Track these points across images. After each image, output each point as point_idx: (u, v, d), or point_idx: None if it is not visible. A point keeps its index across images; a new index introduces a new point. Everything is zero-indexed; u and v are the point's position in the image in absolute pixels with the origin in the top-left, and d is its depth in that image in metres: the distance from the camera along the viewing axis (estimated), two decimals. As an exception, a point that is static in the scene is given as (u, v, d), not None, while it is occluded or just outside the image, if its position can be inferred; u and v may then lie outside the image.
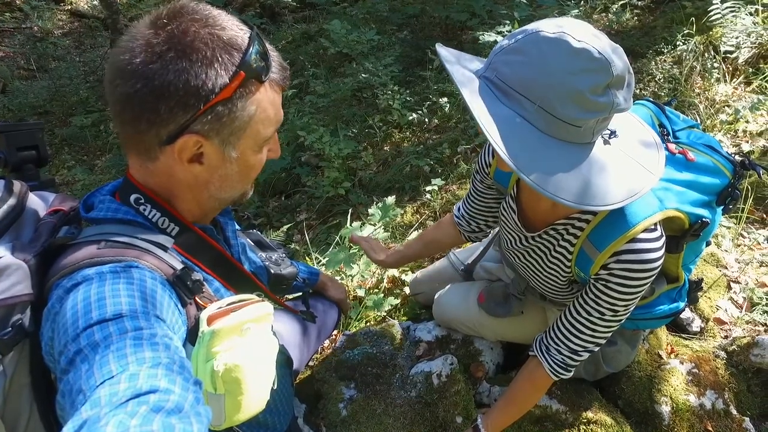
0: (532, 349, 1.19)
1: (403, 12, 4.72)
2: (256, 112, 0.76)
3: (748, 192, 2.23)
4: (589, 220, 1.03)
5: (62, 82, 5.91)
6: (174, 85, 0.68)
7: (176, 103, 0.70)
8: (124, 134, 0.77)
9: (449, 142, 3.12)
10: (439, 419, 1.36)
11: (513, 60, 0.82)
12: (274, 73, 0.78)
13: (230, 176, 0.82)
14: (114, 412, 0.52)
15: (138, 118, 0.72)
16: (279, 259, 1.32)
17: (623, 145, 0.92)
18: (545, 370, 1.14)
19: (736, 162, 1.17)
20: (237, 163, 0.80)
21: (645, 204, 0.98)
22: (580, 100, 0.80)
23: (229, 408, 0.79)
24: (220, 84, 0.70)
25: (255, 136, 0.79)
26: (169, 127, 0.72)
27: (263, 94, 0.76)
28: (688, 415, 1.32)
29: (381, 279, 2.24)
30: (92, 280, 0.69)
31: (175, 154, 0.75)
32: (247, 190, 0.90)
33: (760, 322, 1.64)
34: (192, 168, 0.78)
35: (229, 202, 0.90)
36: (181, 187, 0.82)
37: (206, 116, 0.72)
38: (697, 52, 3.26)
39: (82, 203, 0.84)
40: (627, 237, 0.96)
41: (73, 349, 0.62)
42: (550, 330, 1.16)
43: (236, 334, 0.79)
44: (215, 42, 0.70)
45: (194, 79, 0.69)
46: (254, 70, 0.72)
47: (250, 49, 0.72)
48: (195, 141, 0.74)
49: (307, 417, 1.42)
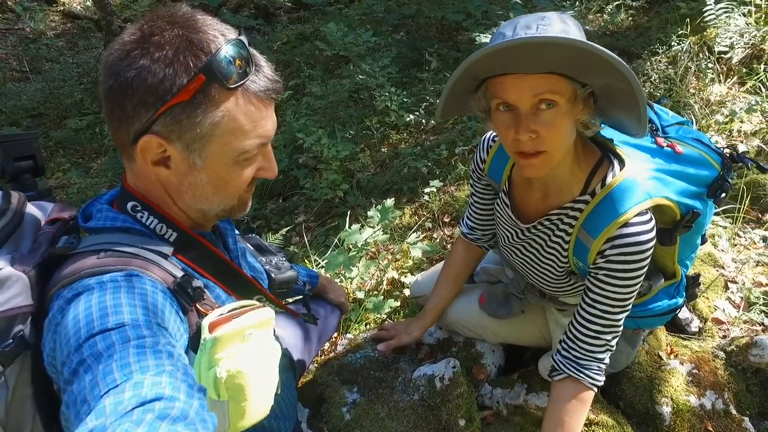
0: (557, 373, 1.15)
1: (399, 13, 4.72)
2: (223, 120, 0.73)
3: (743, 192, 2.25)
4: (582, 209, 1.06)
5: (56, 84, 5.86)
6: (135, 81, 0.69)
7: (138, 100, 0.70)
8: (110, 132, 0.78)
9: (447, 143, 3.13)
10: (442, 422, 1.36)
11: (558, 28, 0.86)
12: (254, 82, 0.75)
13: (201, 186, 0.80)
14: (120, 421, 0.52)
15: (111, 114, 0.73)
16: (279, 262, 1.32)
17: None
18: (586, 385, 1.12)
19: (724, 154, 1.19)
20: (206, 173, 0.78)
21: (635, 192, 1.01)
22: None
23: (234, 415, 0.79)
24: (178, 84, 0.69)
25: (224, 146, 0.75)
26: (134, 126, 0.72)
27: (233, 103, 0.73)
28: (688, 415, 1.33)
29: (380, 281, 2.24)
30: (93, 290, 0.69)
31: (139, 155, 0.75)
32: (232, 205, 0.86)
33: (757, 321, 1.66)
34: (159, 171, 0.77)
35: (220, 216, 0.87)
36: (161, 191, 0.81)
37: (165, 117, 0.71)
38: (691, 52, 3.28)
39: (80, 213, 0.84)
40: (619, 223, 0.99)
41: (76, 359, 0.62)
42: (568, 346, 1.14)
43: (238, 341, 0.79)
44: (181, 43, 0.70)
45: (152, 77, 0.69)
46: (218, 75, 0.70)
47: (219, 54, 0.70)
48: (158, 143, 0.73)
49: (311, 422, 1.42)
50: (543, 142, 0.92)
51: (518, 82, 0.88)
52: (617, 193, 1.01)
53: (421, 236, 2.48)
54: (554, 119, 0.90)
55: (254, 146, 0.78)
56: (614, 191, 1.01)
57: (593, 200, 1.04)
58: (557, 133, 0.91)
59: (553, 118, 0.90)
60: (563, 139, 0.94)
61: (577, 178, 1.06)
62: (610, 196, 1.01)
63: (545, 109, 0.89)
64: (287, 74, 4.78)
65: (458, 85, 0.94)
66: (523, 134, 0.90)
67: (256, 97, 0.75)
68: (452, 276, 1.54)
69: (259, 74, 0.76)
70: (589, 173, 1.06)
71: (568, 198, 1.08)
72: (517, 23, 0.87)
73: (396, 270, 2.29)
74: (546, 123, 0.90)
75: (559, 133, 0.92)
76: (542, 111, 0.89)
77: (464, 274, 1.56)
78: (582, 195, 1.06)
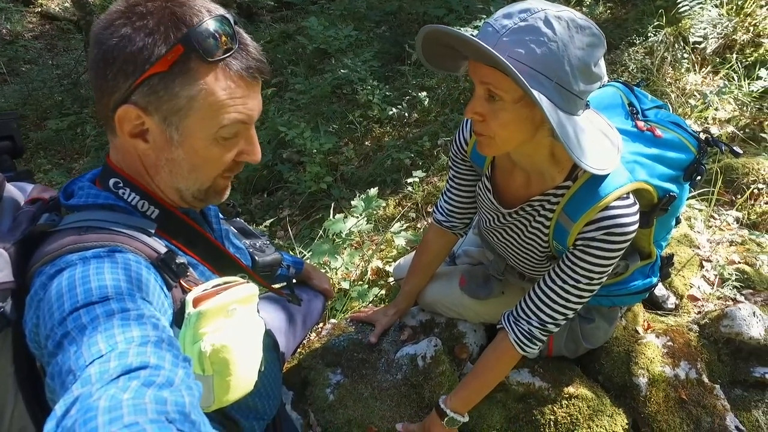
0: (500, 323, 1.22)
1: (381, 9, 4.75)
2: (201, 94, 0.73)
3: (717, 175, 2.31)
4: (563, 194, 1.07)
5: (35, 85, 5.77)
6: (116, 50, 0.70)
7: (118, 69, 0.70)
8: (96, 105, 0.78)
9: (429, 135, 3.15)
10: (425, 400, 1.38)
11: (526, 40, 0.84)
12: (236, 59, 0.74)
13: (178, 163, 0.79)
14: (106, 388, 0.52)
15: (95, 84, 0.74)
16: (263, 245, 1.33)
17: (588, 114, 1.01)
18: (510, 341, 1.17)
19: (700, 139, 1.22)
20: (183, 149, 0.77)
21: (616, 175, 1.02)
22: (587, 72, 0.88)
23: (218, 389, 0.80)
24: (156, 54, 0.69)
25: (202, 121, 0.75)
26: (114, 96, 0.73)
27: (213, 78, 0.72)
28: (663, 385, 1.37)
29: (365, 271, 2.26)
30: (76, 265, 0.69)
31: (117, 126, 0.75)
32: (208, 187, 0.84)
33: (730, 296, 1.70)
34: (137, 144, 0.77)
35: (196, 198, 0.86)
36: (141, 166, 0.81)
37: (143, 87, 0.71)
38: (667, 43, 3.35)
39: (62, 191, 0.83)
40: (600, 206, 1.00)
41: (60, 332, 0.62)
42: (521, 302, 1.18)
43: (222, 315, 0.80)
44: (164, 14, 0.70)
45: (131, 45, 0.69)
46: (198, 48, 0.70)
47: (200, 27, 0.70)
48: (136, 114, 0.73)
49: (295, 403, 1.43)
50: (488, 127, 0.95)
51: (474, 67, 0.93)
52: (599, 177, 1.01)
53: (404, 225, 2.50)
54: (499, 112, 0.93)
55: (233, 121, 0.76)
56: (595, 175, 1.01)
57: (575, 184, 1.05)
58: (501, 125, 0.94)
59: (498, 110, 0.93)
60: (509, 133, 0.96)
61: (560, 167, 1.06)
62: (592, 179, 1.02)
63: (493, 99, 0.93)
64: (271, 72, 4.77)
65: (442, 51, 0.97)
66: (468, 113, 0.96)
67: (238, 75, 0.74)
68: (425, 264, 1.54)
69: (243, 52, 0.75)
70: (573, 163, 1.05)
71: (551, 185, 1.09)
72: (511, 9, 0.88)
73: (380, 260, 2.31)
74: (492, 112, 0.93)
75: (501, 126, 0.94)
76: (491, 100, 0.93)
77: (437, 262, 1.55)
78: (565, 181, 1.07)
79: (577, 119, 0.94)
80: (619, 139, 1.06)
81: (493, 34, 0.86)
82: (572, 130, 0.92)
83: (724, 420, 1.31)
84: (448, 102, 3.50)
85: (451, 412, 1.23)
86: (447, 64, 1.02)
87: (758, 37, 3.21)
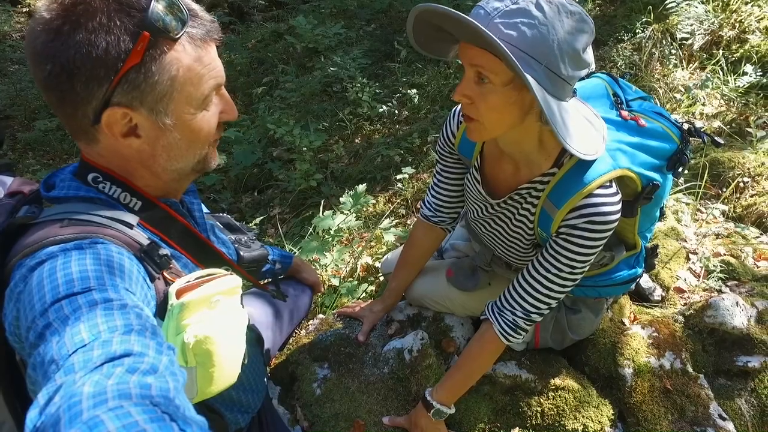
0: (484, 313, 1.22)
1: (371, 8, 4.75)
2: (179, 72, 0.72)
3: (703, 169, 2.33)
4: (549, 181, 1.08)
5: (23, 85, 5.71)
6: (78, 59, 0.66)
7: (87, 78, 0.67)
8: (62, 121, 0.75)
9: (419, 132, 3.16)
10: (411, 393, 1.38)
11: (517, 22, 0.85)
12: (194, 27, 0.73)
13: (175, 145, 0.79)
14: (90, 375, 0.52)
15: (62, 101, 0.70)
16: (248, 241, 1.32)
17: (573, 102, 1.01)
18: (494, 332, 1.17)
19: (683, 128, 1.23)
20: (178, 130, 0.77)
21: (599, 163, 1.03)
22: (575, 57, 0.88)
23: (201, 381, 0.79)
24: (125, 49, 0.67)
25: (188, 97, 0.75)
26: (92, 104, 0.70)
27: (182, 52, 0.72)
28: (648, 375, 1.38)
29: (355, 268, 2.26)
30: (57, 257, 0.68)
31: (107, 131, 0.73)
32: (204, 155, 0.85)
33: (715, 288, 1.72)
34: (131, 143, 0.75)
35: (193, 172, 0.86)
36: (133, 164, 0.80)
37: (122, 86, 0.69)
38: (655, 39, 3.37)
39: (42, 183, 0.82)
40: (583, 193, 1.01)
41: (42, 323, 0.61)
42: (505, 292, 1.19)
43: (206, 307, 0.79)
44: (110, 6, 0.67)
45: (95, 49, 0.66)
46: (161, 29, 0.68)
47: (151, 6, 0.67)
48: (122, 114, 0.72)
49: (282, 398, 1.43)
50: (476, 110, 0.95)
51: (464, 49, 0.93)
52: (583, 164, 1.02)
53: (394, 222, 2.50)
54: (488, 95, 0.93)
55: (211, 88, 0.77)
56: (580, 162, 1.03)
57: (560, 171, 1.05)
58: (489, 108, 0.94)
59: (487, 93, 0.93)
60: (497, 116, 0.96)
61: (548, 154, 1.07)
62: (576, 167, 1.03)
63: (482, 82, 0.93)
64: (261, 71, 4.76)
65: (433, 35, 0.97)
66: (456, 95, 0.95)
67: (201, 41, 0.74)
68: (413, 260, 1.53)
69: (197, 19, 0.75)
70: (561, 150, 1.06)
71: (538, 173, 1.09)
72: None
73: (370, 256, 2.31)
74: (481, 95, 0.93)
75: (490, 109, 0.94)
76: (480, 83, 0.93)
77: (425, 258, 1.55)
78: (551, 168, 1.08)
79: (564, 105, 0.94)
80: (604, 127, 1.07)
81: (485, 16, 0.86)
82: (560, 115, 0.92)
83: (707, 409, 1.32)
84: (438, 99, 3.50)
85: (437, 404, 1.24)
86: (437, 48, 1.02)
87: (743, 33, 3.24)
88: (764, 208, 2.18)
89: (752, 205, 2.20)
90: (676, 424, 1.32)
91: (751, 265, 1.84)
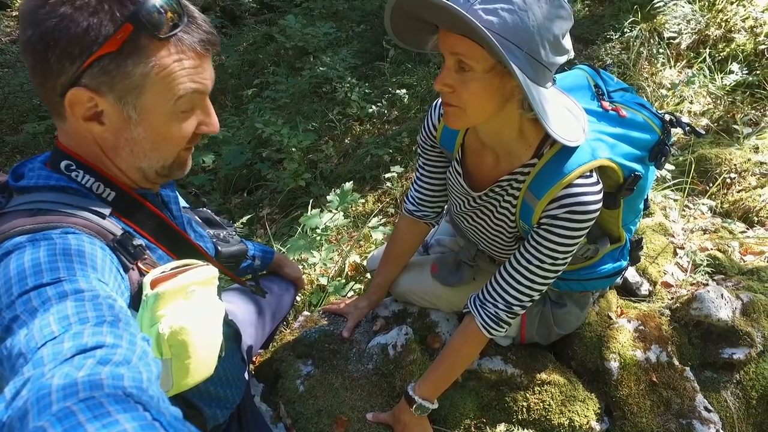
0: (466, 306, 1.21)
1: (362, 9, 4.76)
2: (153, 71, 0.71)
3: (691, 165, 2.34)
4: (530, 172, 1.07)
5: (11, 89, 5.68)
6: (57, 31, 0.66)
7: (62, 52, 0.67)
8: (36, 90, 0.74)
9: (408, 131, 3.15)
10: (396, 389, 1.36)
11: (497, 8, 0.84)
12: (188, 35, 0.73)
13: (139, 142, 0.77)
14: (59, 367, 0.50)
15: (34, 68, 0.70)
16: (227, 236, 1.30)
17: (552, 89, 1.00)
18: (477, 325, 1.16)
19: (664, 119, 1.23)
20: (142, 127, 0.76)
21: (579, 153, 1.02)
22: (555, 44, 0.89)
23: (177, 373, 0.77)
24: (104, 34, 0.67)
25: (158, 96, 0.73)
26: (61, 79, 0.69)
27: (165, 53, 0.71)
28: (634, 369, 1.37)
29: (343, 267, 2.24)
30: (25, 248, 0.66)
31: (69, 110, 0.72)
32: (171, 161, 0.83)
33: (702, 282, 1.71)
34: (92, 127, 0.74)
35: (160, 175, 0.84)
36: (97, 151, 0.78)
37: (93, 69, 0.68)
38: (643, 38, 3.39)
39: (11, 172, 0.81)
40: (563, 184, 1.00)
41: (9, 316, 0.60)
42: (487, 285, 1.18)
43: (181, 297, 0.78)
44: None
45: (75, 26, 0.66)
46: (147, 25, 0.67)
47: (147, 3, 0.67)
48: (88, 97, 0.70)
49: (266, 396, 1.40)
50: (458, 98, 0.95)
51: (444, 37, 0.92)
52: (563, 155, 1.02)
53: (382, 220, 2.49)
54: (469, 82, 0.92)
55: (189, 92, 0.75)
56: (560, 152, 1.02)
57: (540, 162, 1.05)
58: (471, 96, 0.93)
59: (468, 80, 0.92)
60: (478, 103, 0.95)
61: (528, 144, 1.06)
62: (556, 157, 1.02)
63: (463, 70, 0.92)
64: (252, 73, 4.75)
65: (411, 25, 0.96)
66: (437, 84, 0.94)
67: (191, 49, 0.73)
68: (397, 255, 1.52)
69: (193, 25, 0.74)
70: (540, 140, 1.06)
71: (518, 163, 1.09)
72: None
73: (359, 255, 2.29)
74: (462, 83, 0.93)
75: (472, 96, 0.93)
76: (461, 71, 0.92)
77: (409, 253, 1.54)
78: (531, 159, 1.07)
79: (544, 92, 0.94)
80: (585, 118, 1.06)
81: (465, 2, 0.86)
82: (540, 102, 0.92)
83: (693, 401, 1.32)
84: (428, 99, 3.51)
85: (420, 399, 1.22)
86: (415, 39, 1.01)
87: (729, 32, 3.27)
88: (750, 203, 2.19)
89: (739, 200, 2.21)
90: (662, 417, 1.31)
91: (738, 260, 1.84)
